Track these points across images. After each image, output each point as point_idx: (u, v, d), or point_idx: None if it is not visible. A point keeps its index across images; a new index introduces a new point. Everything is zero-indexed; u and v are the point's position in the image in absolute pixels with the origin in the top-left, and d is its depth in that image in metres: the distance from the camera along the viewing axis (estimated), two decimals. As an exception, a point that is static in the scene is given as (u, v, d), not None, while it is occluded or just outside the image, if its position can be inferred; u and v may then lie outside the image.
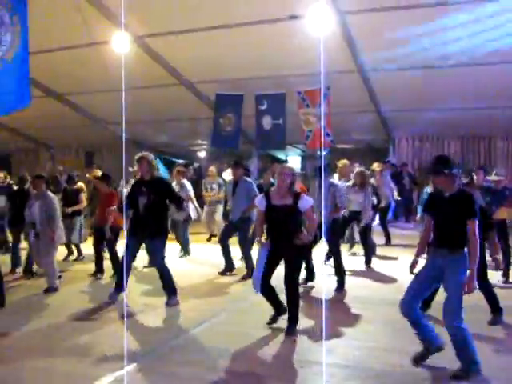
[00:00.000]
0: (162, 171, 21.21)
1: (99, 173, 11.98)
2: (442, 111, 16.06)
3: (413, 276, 5.38)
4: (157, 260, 7.88)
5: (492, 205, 8.90)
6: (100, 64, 13.74)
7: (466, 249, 5.03)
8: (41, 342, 6.05)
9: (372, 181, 12.54)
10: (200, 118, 17.37)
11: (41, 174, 9.79)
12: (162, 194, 7.77)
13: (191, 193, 12.15)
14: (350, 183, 10.40)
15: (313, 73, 13.75)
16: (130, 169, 11.56)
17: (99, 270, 9.83)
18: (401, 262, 10.49)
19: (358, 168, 11.27)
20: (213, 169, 14.42)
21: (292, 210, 6.40)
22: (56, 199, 9.11)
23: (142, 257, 9.12)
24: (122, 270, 7.63)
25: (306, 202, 6.51)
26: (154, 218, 7.62)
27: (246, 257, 9.78)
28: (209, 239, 14.17)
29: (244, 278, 9.46)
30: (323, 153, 15.74)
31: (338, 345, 5.87)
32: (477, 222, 4.99)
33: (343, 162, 10.85)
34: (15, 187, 11.47)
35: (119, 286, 7.69)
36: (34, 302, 8.00)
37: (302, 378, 4.98)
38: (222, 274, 9.91)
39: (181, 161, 22.57)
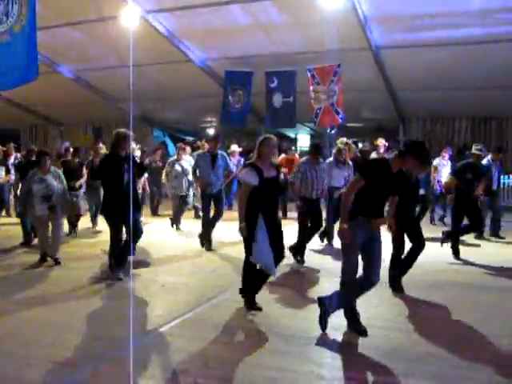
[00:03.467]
0: (170, 148, 21.27)
1: (104, 149, 11.92)
2: (454, 91, 15.89)
3: None
4: (139, 228, 7.84)
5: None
6: (110, 40, 13.66)
7: None
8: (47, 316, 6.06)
9: (374, 155, 12.53)
10: (209, 95, 17.28)
11: (45, 149, 10.00)
12: (139, 169, 8.01)
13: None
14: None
15: (323, 50, 13.76)
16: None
17: None
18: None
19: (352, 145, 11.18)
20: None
21: (278, 181, 6.36)
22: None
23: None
24: (121, 249, 7.69)
25: (280, 173, 6.66)
26: (135, 192, 7.69)
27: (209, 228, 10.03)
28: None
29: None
30: (332, 131, 15.69)
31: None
32: None
33: (342, 140, 10.82)
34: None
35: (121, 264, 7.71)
36: (35, 275, 8.03)
37: (307, 355, 4.96)
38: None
39: (190, 138, 22.58)
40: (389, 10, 12.21)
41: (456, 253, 9.27)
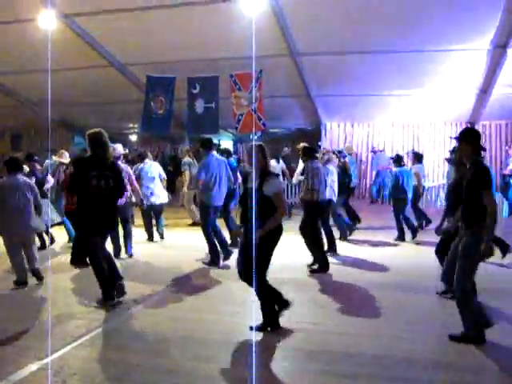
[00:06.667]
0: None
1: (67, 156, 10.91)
2: (373, 96, 16.37)
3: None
4: (117, 248, 7.31)
5: None
6: (27, 43, 13.30)
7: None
8: None
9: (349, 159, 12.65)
10: (131, 100, 17.08)
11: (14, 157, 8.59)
12: (120, 178, 6.87)
13: None
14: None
15: (245, 56, 13.83)
16: None
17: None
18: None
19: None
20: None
21: None
22: None
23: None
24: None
25: None
26: (116, 204, 6.86)
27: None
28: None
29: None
30: (255, 137, 15.83)
31: (299, 328, 5.72)
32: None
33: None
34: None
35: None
36: None
37: (261, 362, 4.85)
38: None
39: (112, 145, 22.13)
40: (309, 16, 12.43)
41: None
